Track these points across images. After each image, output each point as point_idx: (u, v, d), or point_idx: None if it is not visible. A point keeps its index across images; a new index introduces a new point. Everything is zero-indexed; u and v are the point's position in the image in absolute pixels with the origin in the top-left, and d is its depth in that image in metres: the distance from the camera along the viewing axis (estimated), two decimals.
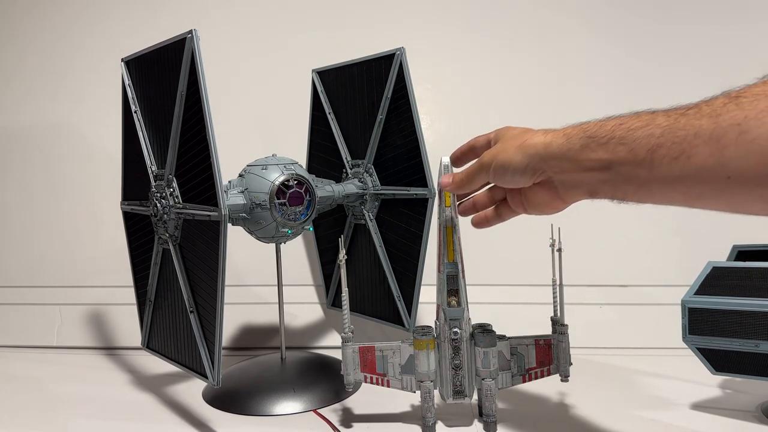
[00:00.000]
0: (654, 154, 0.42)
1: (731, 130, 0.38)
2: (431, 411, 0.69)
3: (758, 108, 0.37)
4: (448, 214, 0.67)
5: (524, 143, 0.54)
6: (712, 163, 0.39)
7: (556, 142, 0.51)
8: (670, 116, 0.42)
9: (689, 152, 0.40)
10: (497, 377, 0.69)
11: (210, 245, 0.68)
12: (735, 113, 0.38)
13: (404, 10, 1.15)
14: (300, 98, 1.04)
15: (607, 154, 0.46)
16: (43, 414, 0.80)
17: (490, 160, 0.58)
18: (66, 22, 1.22)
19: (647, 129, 0.43)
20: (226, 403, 0.79)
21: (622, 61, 1.10)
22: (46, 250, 1.19)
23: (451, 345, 0.68)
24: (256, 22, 1.18)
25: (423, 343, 0.69)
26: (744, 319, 0.68)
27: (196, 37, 0.66)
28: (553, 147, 0.51)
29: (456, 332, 0.67)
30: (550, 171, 0.53)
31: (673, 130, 0.41)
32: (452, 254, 0.67)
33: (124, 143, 0.87)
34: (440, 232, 0.68)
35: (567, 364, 0.68)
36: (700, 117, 0.40)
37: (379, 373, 0.71)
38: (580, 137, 0.49)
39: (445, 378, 0.69)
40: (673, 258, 1.05)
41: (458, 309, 0.67)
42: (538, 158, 0.53)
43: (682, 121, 0.41)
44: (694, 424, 0.70)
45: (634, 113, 0.46)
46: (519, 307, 1.03)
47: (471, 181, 0.61)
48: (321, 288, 1.11)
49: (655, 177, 0.43)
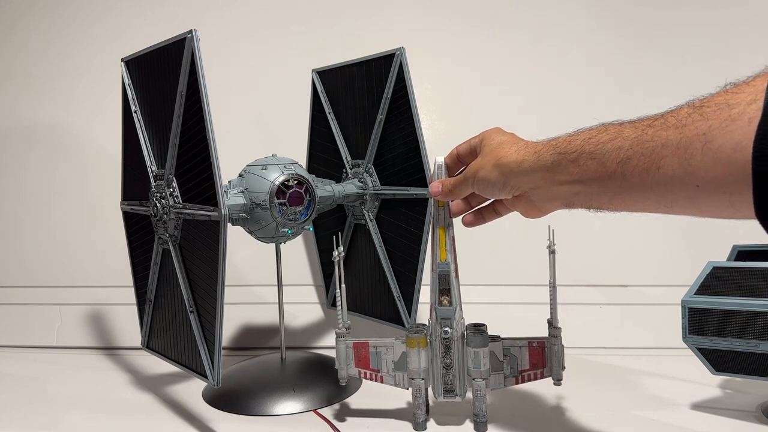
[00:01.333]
0: (624, 167, 0.43)
1: (697, 140, 0.38)
2: (421, 408, 0.70)
3: (721, 117, 0.37)
4: (441, 214, 0.68)
5: (498, 161, 0.57)
6: (681, 173, 0.40)
7: (528, 159, 0.53)
8: (637, 128, 0.43)
9: (658, 163, 0.41)
10: (488, 378, 0.69)
11: (210, 245, 0.68)
12: (699, 123, 0.38)
13: (404, 10, 1.15)
14: (300, 98, 1.04)
15: (578, 168, 0.48)
16: (43, 414, 0.80)
17: (471, 174, 0.61)
18: (66, 22, 1.22)
19: (616, 142, 0.44)
20: (226, 403, 0.79)
21: (624, 62, 1.10)
22: (46, 250, 1.19)
23: (442, 344, 0.68)
24: (256, 22, 1.18)
25: (414, 341, 0.69)
26: (744, 319, 0.68)
27: (196, 37, 0.66)
28: (524, 165, 0.54)
29: (446, 331, 0.67)
30: (525, 187, 0.55)
31: (641, 142, 0.42)
32: (444, 254, 0.67)
33: (124, 143, 0.87)
34: (433, 232, 0.68)
35: (560, 367, 0.68)
36: (667, 128, 0.41)
37: (373, 369, 0.72)
38: (550, 154, 0.51)
39: (436, 376, 0.70)
40: (673, 258, 1.05)
41: (449, 308, 0.67)
42: (512, 176, 0.55)
43: (649, 132, 0.42)
44: (694, 424, 0.70)
45: (602, 125, 0.47)
46: (518, 308, 1.04)
47: (458, 192, 0.64)
48: (321, 288, 1.11)
49: (627, 188, 0.44)
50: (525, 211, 0.60)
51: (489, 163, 0.58)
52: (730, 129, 0.37)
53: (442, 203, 0.67)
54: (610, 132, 0.45)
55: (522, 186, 0.55)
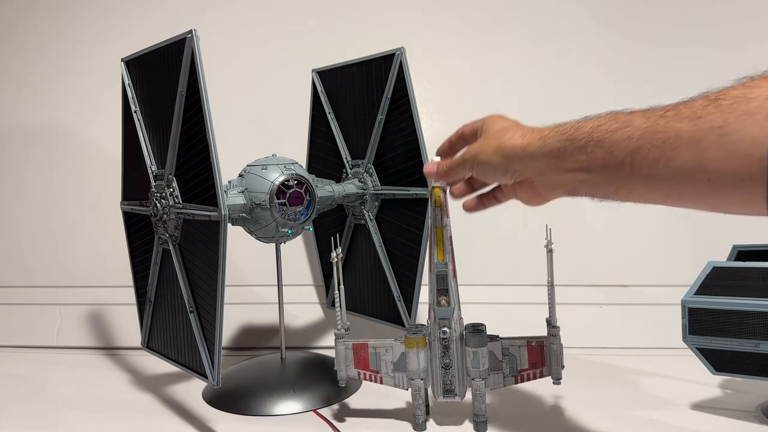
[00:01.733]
0: (634, 157, 0.42)
1: (711, 133, 0.38)
2: (421, 409, 0.70)
3: (739, 111, 0.36)
4: (438, 214, 0.67)
5: (502, 145, 0.55)
6: (692, 166, 0.39)
7: (533, 145, 0.51)
8: (648, 118, 0.42)
9: (669, 155, 0.40)
10: (488, 377, 0.69)
11: (210, 245, 0.68)
12: (715, 116, 0.38)
13: (404, 10, 1.15)
14: (300, 98, 1.04)
15: (585, 156, 0.46)
16: (43, 414, 0.80)
17: (471, 157, 0.59)
18: (66, 22, 1.22)
19: (625, 131, 0.43)
20: (226, 403, 0.79)
21: (624, 62, 1.10)
22: (46, 250, 1.19)
23: (440, 344, 0.68)
24: (256, 22, 1.18)
25: (413, 342, 0.69)
26: (744, 319, 0.68)
27: (196, 37, 0.66)
28: (529, 150, 0.52)
29: (445, 331, 0.67)
30: (529, 173, 0.54)
31: (652, 133, 0.41)
32: (442, 254, 0.67)
33: (124, 143, 0.87)
34: (431, 232, 0.68)
35: (559, 366, 0.68)
36: (680, 119, 0.40)
37: (372, 369, 0.72)
38: (557, 140, 0.49)
39: (435, 377, 0.70)
40: (673, 258, 1.04)
41: (447, 308, 0.67)
42: (516, 161, 0.54)
43: (661, 123, 0.41)
44: (694, 424, 0.70)
45: (611, 113, 0.46)
46: (516, 308, 1.03)
47: (454, 174, 0.62)
48: (321, 288, 1.11)
49: (635, 178, 0.43)
50: (526, 198, 0.58)
51: (491, 147, 0.56)
52: (747, 123, 0.36)
53: (439, 203, 0.67)
54: (620, 120, 0.44)
55: (525, 172, 0.54)
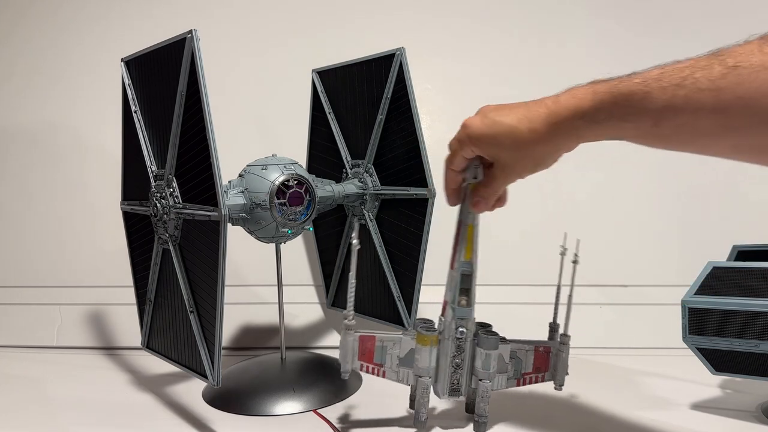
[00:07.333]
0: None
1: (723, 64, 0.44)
2: (425, 407, 0.69)
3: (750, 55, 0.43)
4: (473, 212, 0.65)
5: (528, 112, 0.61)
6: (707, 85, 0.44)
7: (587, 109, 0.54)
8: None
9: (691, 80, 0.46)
10: (494, 379, 0.69)
11: (210, 245, 0.68)
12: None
13: (404, 10, 1.15)
14: (300, 98, 1.04)
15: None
16: (42, 414, 0.80)
17: (505, 175, 0.60)
18: (65, 22, 1.22)
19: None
20: (226, 403, 0.79)
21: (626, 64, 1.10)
22: (45, 250, 1.19)
23: (454, 343, 0.68)
24: (256, 22, 1.18)
25: (427, 339, 0.68)
26: (744, 319, 0.68)
27: (196, 37, 0.66)
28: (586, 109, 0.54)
29: (462, 331, 0.67)
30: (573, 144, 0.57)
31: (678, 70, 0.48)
32: (470, 253, 0.66)
33: (124, 143, 0.87)
34: (460, 229, 0.66)
35: (564, 373, 0.68)
36: None
37: (377, 363, 0.70)
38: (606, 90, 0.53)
39: (443, 375, 0.69)
40: (673, 258, 1.05)
41: (467, 309, 0.66)
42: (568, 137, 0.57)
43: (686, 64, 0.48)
44: (694, 424, 0.70)
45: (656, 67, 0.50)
46: (520, 308, 1.03)
47: (494, 198, 0.63)
48: (321, 288, 1.11)
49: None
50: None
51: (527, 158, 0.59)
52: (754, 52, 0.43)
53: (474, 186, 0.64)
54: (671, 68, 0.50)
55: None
